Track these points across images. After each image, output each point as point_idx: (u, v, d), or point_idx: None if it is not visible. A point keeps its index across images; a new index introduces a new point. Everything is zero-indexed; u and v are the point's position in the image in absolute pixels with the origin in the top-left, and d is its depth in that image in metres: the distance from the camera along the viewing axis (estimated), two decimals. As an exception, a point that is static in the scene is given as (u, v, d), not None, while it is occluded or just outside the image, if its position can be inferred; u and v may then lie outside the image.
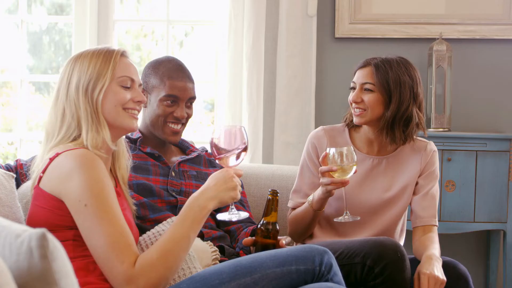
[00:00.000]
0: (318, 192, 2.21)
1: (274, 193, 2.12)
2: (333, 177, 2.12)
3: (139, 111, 1.89)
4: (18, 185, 2.19)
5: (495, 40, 3.43)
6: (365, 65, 2.31)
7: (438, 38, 3.32)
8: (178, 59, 2.40)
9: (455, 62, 3.39)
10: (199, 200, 1.76)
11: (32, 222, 1.75)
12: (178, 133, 2.32)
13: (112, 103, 1.81)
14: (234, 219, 1.86)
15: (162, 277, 1.65)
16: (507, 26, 3.42)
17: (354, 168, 2.12)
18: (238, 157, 1.83)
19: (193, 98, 2.34)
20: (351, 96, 2.30)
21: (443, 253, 3.21)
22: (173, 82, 2.29)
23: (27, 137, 3.74)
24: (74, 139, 1.79)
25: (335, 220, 2.23)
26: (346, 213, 2.20)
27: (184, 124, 2.34)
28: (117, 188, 1.86)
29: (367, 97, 2.27)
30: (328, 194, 2.18)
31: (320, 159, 2.22)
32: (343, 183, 2.12)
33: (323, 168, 2.13)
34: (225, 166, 1.84)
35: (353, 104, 2.30)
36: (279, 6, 3.39)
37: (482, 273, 3.50)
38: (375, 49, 3.36)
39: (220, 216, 1.88)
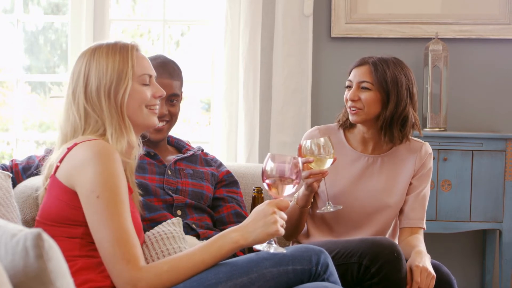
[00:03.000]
0: (302, 188, 2.22)
1: (259, 190, 2.11)
2: (311, 168, 2.12)
3: (158, 106, 1.88)
4: (14, 184, 2.18)
5: (491, 40, 3.44)
6: (362, 63, 2.31)
7: (434, 38, 3.33)
8: (165, 57, 2.40)
9: (451, 62, 3.39)
10: (235, 232, 1.70)
11: (44, 211, 1.74)
12: (161, 131, 2.31)
13: (136, 103, 1.80)
14: (272, 250, 1.71)
15: (163, 287, 1.65)
16: (503, 26, 3.42)
17: (331, 159, 2.11)
18: (292, 186, 1.73)
19: (174, 96, 2.32)
20: (348, 94, 2.30)
21: (439, 252, 3.22)
22: None
23: (23, 137, 3.73)
24: (100, 136, 1.77)
25: (317, 211, 2.24)
26: (328, 203, 2.21)
27: (169, 122, 2.33)
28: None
29: (364, 96, 2.26)
30: (310, 188, 2.18)
31: (297, 152, 2.21)
32: (322, 174, 2.12)
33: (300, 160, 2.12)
34: (276, 196, 1.73)
35: (349, 103, 2.29)
36: (276, 5, 3.39)
37: (478, 273, 3.51)
38: (371, 49, 3.36)
39: (257, 247, 1.77)
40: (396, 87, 2.25)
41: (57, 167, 1.73)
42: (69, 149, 1.72)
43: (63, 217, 1.68)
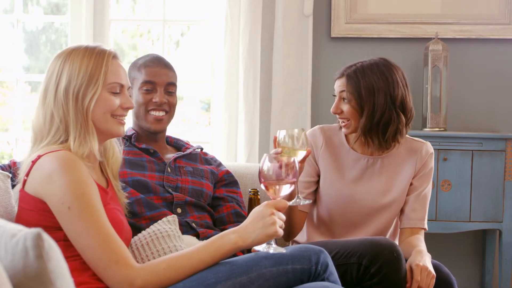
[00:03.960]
0: None
1: (255, 192, 2.11)
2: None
3: (124, 117, 1.87)
4: (13, 185, 2.18)
5: (491, 40, 3.44)
6: (340, 76, 2.31)
7: (434, 38, 3.33)
8: (159, 55, 2.44)
9: (451, 62, 3.39)
10: (234, 233, 1.70)
11: (20, 224, 1.73)
12: (161, 120, 2.33)
13: (101, 110, 1.79)
14: (271, 251, 1.71)
15: (161, 286, 1.65)
16: (503, 26, 3.42)
17: (304, 151, 2.03)
18: (289, 186, 1.73)
19: (171, 85, 2.35)
20: (332, 107, 2.32)
21: (439, 252, 3.22)
22: (149, 69, 2.33)
23: (23, 137, 3.73)
24: (61, 143, 1.76)
25: (288, 203, 2.21)
26: (297, 196, 2.15)
27: (168, 113, 2.34)
28: (107, 189, 1.85)
29: (345, 108, 2.27)
30: None
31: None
32: None
33: (272, 151, 2.10)
34: (273, 197, 1.74)
35: (337, 115, 2.31)
36: (275, 5, 3.39)
37: (478, 273, 3.51)
38: (371, 49, 3.37)
39: (257, 248, 1.76)
40: (372, 96, 2.23)
41: (25, 180, 1.73)
42: (34, 162, 1.72)
43: (41, 226, 1.67)
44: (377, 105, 2.23)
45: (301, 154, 2.04)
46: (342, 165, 2.35)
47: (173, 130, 2.42)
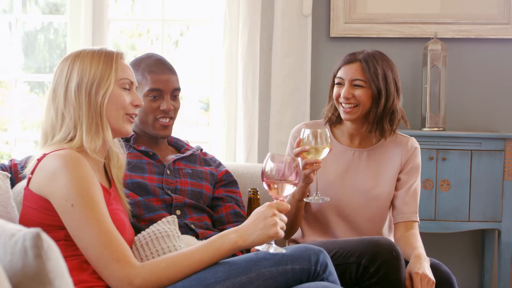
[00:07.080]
0: None
1: (255, 192, 2.11)
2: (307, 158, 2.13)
3: (136, 115, 1.89)
4: (12, 184, 2.18)
5: (489, 39, 3.44)
6: (352, 60, 2.31)
7: (433, 38, 3.33)
8: (158, 54, 2.41)
9: (450, 62, 3.39)
10: (234, 233, 1.70)
11: (23, 222, 1.74)
12: (168, 126, 2.32)
13: (114, 106, 1.81)
14: (271, 251, 1.71)
15: (161, 285, 1.65)
16: (502, 25, 3.42)
17: (328, 148, 2.12)
18: (292, 186, 1.73)
19: (177, 90, 2.34)
20: (342, 92, 2.30)
21: (437, 251, 3.23)
22: (155, 75, 2.30)
23: (22, 137, 3.73)
24: (70, 140, 1.78)
25: (305, 199, 2.24)
26: (316, 193, 2.21)
27: (172, 118, 2.34)
28: (110, 190, 1.86)
29: (357, 93, 2.28)
30: (307, 180, 2.18)
31: (295, 144, 2.21)
32: (317, 163, 2.12)
33: (296, 150, 2.12)
34: (275, 197, 1.74)
35: (343, 100, 2.30)
36: (274, 5, 3.39)
37: (477, 273, 3.51)
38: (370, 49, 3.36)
39: (256, 248, 1.76)
40: (385, 83, 2.28)
41: (29, 178, 1.75)
42: (39, 160, 1.73)
43: (43, 225, 1.69)
44: (390, 92, 2.28)
45: (325, 151, 2.13)
46: (329, 158, 2.35)
47: (172, 130, 2.42)
